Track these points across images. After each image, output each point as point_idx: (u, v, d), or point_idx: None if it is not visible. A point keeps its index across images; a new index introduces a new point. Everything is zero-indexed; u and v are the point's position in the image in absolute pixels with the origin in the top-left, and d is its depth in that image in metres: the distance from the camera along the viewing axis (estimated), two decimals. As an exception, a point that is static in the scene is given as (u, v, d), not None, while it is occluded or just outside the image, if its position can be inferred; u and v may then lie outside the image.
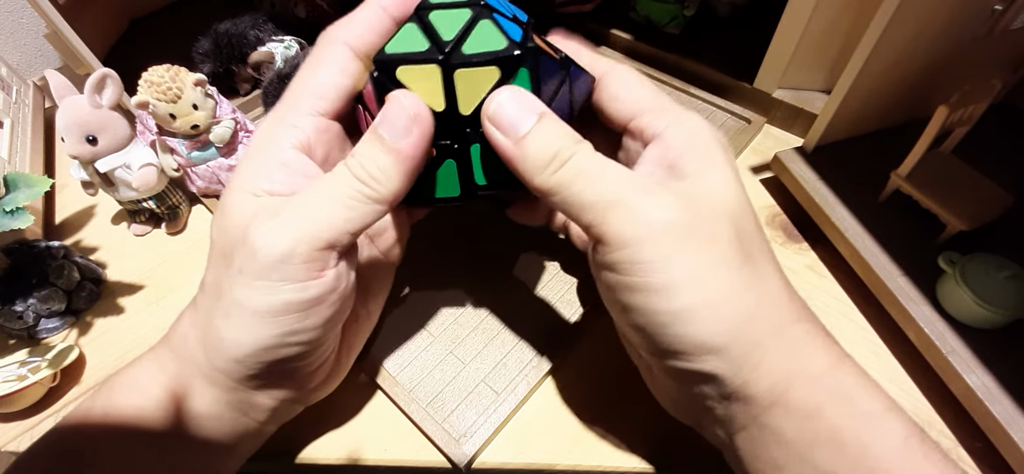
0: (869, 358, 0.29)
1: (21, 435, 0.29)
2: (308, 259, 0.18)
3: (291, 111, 0.21)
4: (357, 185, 0.19)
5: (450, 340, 0.30)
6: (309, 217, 0.18)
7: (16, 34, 0.60)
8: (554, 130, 0.19)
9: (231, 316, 0.19)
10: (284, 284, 0.18)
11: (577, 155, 0.19)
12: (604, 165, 0.19)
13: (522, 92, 0.19)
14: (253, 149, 0.21)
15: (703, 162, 0.19)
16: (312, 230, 0.18)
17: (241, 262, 0.18)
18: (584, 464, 0.26)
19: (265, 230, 0.18)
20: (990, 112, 0.30)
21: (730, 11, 0.49)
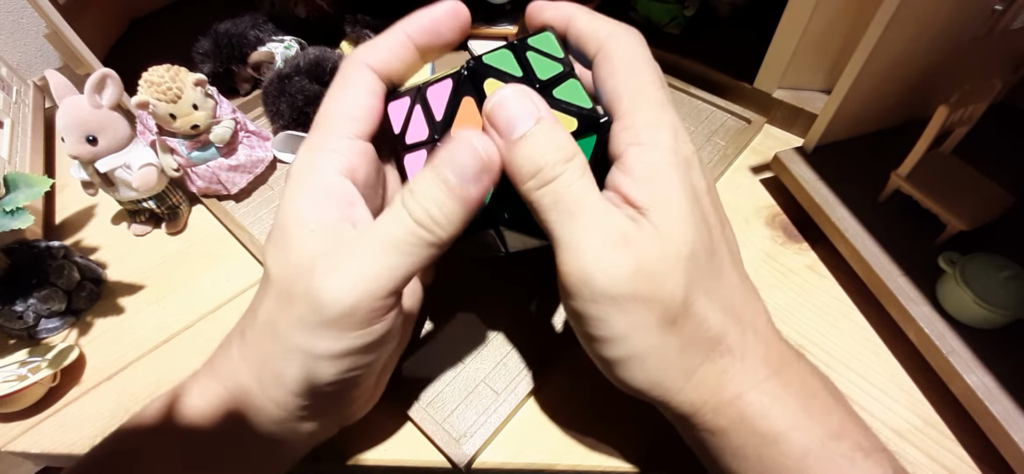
0: (869, 358, 0.29)
1: (21, 435, 0.29)
2: (371, 309, 0.18)
3: (329, 135, 0.21)
4: (417, 231, 0.18)
5: (450, 340, 0.30)
6: (370, 268, 0.18)
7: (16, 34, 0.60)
8: (546, 141, 0.18)
9: (293, 358, 0.19)
10: (348, 333, 0.19)
11: (560, 179, 0.18)
12: (578, 201, 0.18)
13: (527, 92, 0.19)
14: (298, 178, 0.21)
15: (657, 197, 0.19)
16: (374, 282, 0.18)
17: (303, 311, 0.18)
18: (584, 464, 0.26)
19: (328, 285, 0.18)
20: (990, 112, 0.30)
21: (730, 11, 0.49)
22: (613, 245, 0.18)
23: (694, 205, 0.19)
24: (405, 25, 0.22)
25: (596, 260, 0.18)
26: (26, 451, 0.29)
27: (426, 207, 0.18)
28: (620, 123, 0.20)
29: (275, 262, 0.20)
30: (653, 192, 0.19)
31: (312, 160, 0.21)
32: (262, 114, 0.45)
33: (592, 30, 0.21)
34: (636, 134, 0.19)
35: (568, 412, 0.27)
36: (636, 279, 0.18)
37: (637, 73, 0.20)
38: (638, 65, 0.21)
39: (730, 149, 0.39)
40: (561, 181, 0.18)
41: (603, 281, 0.18)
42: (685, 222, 0.19)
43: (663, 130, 0.19)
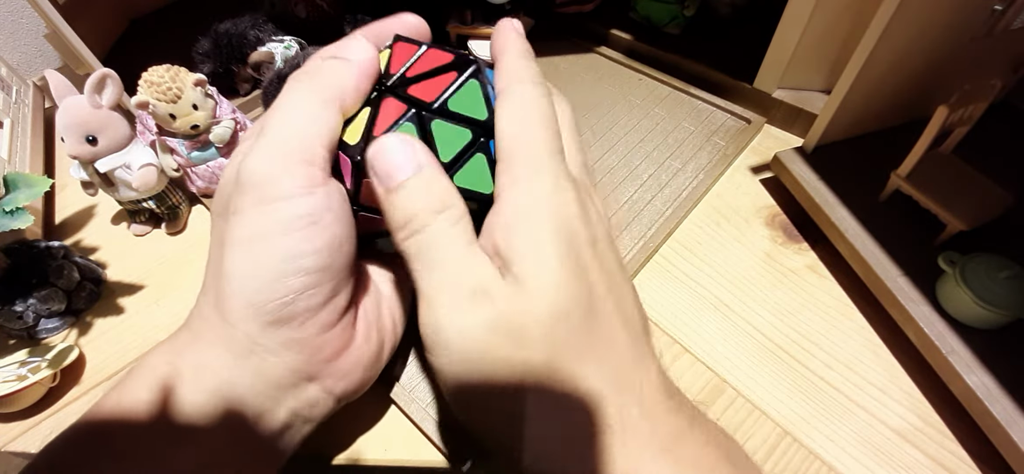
0: (869, 358, 0.29)
1: (21, 435, 0.29)
2: (286, 171, 0.19)
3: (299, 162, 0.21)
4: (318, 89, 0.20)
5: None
6: (281, 136, 0.19)
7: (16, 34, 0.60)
8: (420, 191, 0.18)
9: (235, 255, 0.19)
10: (275, 203, 0.19)
11: (426, 230, 0.18)
12: (442, 253, 0.18)
13: (408, 140, 0.19)
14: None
15: (525, 249, 0.18)
16: (285, 143, 0.19)
17: (234, 204, 0.19)
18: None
19: (245, 163, 0.19)
20: (990, 112, 0.30)
21: (730, 11, 0.49)
22: (468, 299, 0.18)
23: (568, 259, 0.18)
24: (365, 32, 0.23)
25: (449, 313, 0.18)
26: (26, 451, 0.29)
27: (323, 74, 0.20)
28: (502, 165, 0.19)
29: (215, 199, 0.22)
30: (520, 242, 0.18)
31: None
32: (262, 114, 0.45)
33: (509, 69, 0.21)
34: (513, 178, 0.19)
35: (568, 412, 0.27)
36: (491, 336, 0.17)
37: (531, 119, 0.20)
38: (535, 112, 0.20)
39: (730, 149, 0.39)
40: (429, 231, 0.18)
41: (455, 337, 0.18)
42: (552, 282, 0.17)
43: (543, 178, 0.19)
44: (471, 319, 0.18)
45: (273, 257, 0.19)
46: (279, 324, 0.20)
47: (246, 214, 0.19)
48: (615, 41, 0.50)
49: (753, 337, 0.30)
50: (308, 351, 0.21)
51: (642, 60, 0.48)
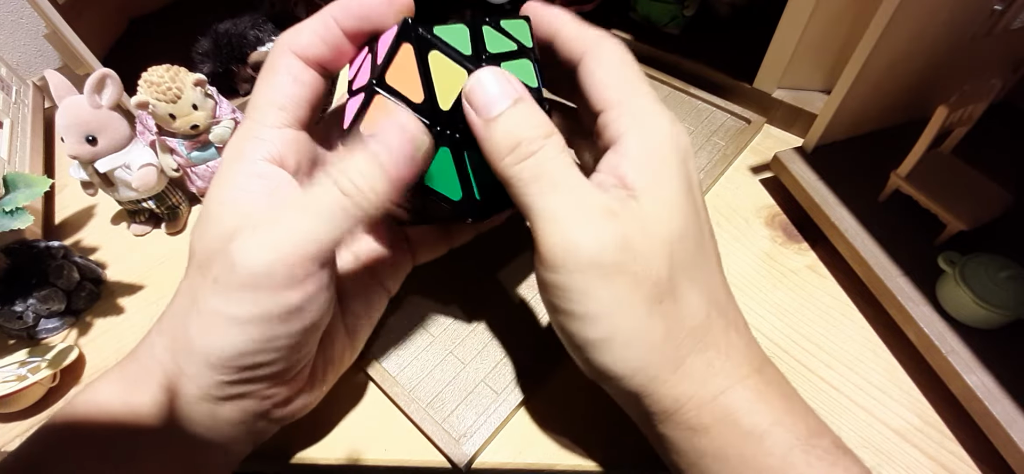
0: (869, 358, 0.29)
1: (21, 435, 0.29)
2: (288, 273, 0.18)
3: (256, 124, 0.21)
4: (342, 199, 0.18)
5: (450, 340, 0.30)
6: (290, 231, 0.18)
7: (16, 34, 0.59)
8: (525, 118, 0.19)
9: (206, 322, 0.19)
10: (263, 295, 0.18)
11: (539, 154, 0.18)
12: (561, 174, 0.18)
13: (506, 75, 0.19)
14: (225, 164, 0.21)
15: (653, 178, 0.19)
16: (293, 245, 0.18)
17: (219, 272, 0.18)
18: (584, 464, 0.26)
19: (246, 246, 0.18)
20: (990, 112, 0.30)
21: (730, 11, 0.49)
22: (599, 215, 0.18)
23: (688, 194, 0.19)
24: (332, 8, 0.21)
25: (581, 228, 0.18)
26: (26, 451, 0.29)
27: (353, 178, 0.18)
28: (617, 110, 0.20)
29: (197, 239, 0.20)
30: (649, 175, 0.19)
31: (239, 147, 0.21)
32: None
33: (579, 34, 0.22)
34: (635, 119, 0.20)
35: (569, 412, 0.27)
36: (623, 251, 0.18)
37: (630, 68, 0.21)
38: (630, 63, 0.21)
39: (730, 149, 0.39)
40: (541, 155, 0.18)
41: (589, 249, 0.18)
42: (677, 207, 0.19)
43: (663, 118, 0.20)
44: (603, 233, 0.18)
45: (248, 339, 0.19)
46: (239, 385, 0.20)
47: (231, 295, 0.18)
48: (615, 41, 0.50)
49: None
50: (263, 400, 0.21)
51: (642, 60, 0.47)
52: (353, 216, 0.18)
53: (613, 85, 0.20)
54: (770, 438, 0.18)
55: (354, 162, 0.18)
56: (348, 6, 0.21)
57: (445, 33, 0.20)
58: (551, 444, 0.27)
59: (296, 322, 0.19)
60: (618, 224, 0.18)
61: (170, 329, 0.20)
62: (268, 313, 0.18)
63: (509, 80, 0.19)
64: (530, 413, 0.28)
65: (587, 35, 0.22)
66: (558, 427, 0.27)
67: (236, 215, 0.19)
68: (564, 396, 0.28)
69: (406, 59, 0.20)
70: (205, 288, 0.19)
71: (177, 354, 0.20)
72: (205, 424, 0.20)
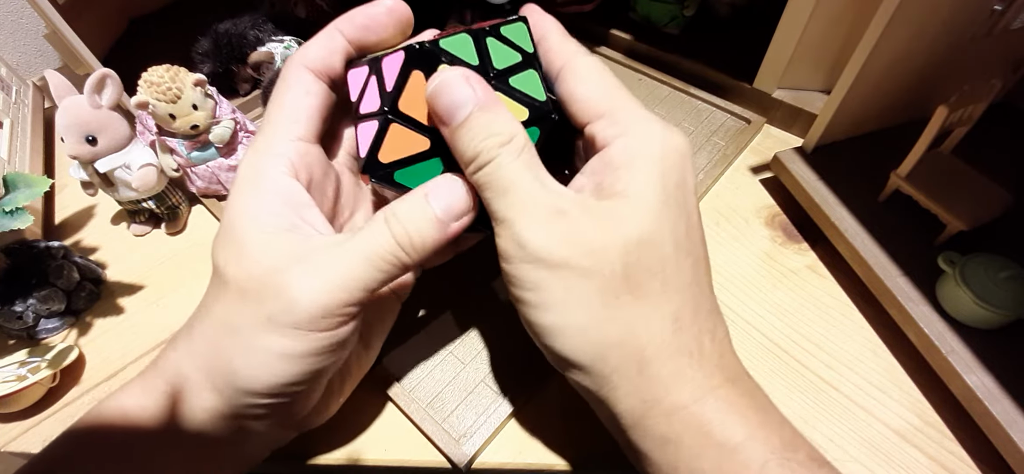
0: (869, 358, 0.29)
1: (21, 435, 0.29)
2: (343, 314, 0.19)
3: (271, 140, 0.21)
4: (396, 250, 0.19)
5: (450, 340, 0.30)
6: (345, 275, 0.19)
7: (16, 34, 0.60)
8: (482, 125, 0.19)
9: (255, 356, 0.19)
10: (317, 334, 0.19)
11: (495, 161, 0.19)
12: (513, 179, 0.19)
13: (466, 75, 0.19)
14: (245, 181, 0.21)
15: (627, 181, 0.19)
16: (347, 290, 0.19)
17: (273, 310, 0.19)
18: (583, 465, 0.26)
19: (304, 286, 0.19)
20: (990, 112, 0.30)
21: (730, 11, 0.49)
22: (546, 216, 0.18)
23: (670, 198, 0.19)
24: (339, 23, 0.22)
25: (528, 229, 0.18)
26: (26, 451, 0.29)
27: (408, 230, 0.20)
28: (605, 120, 0.20)
29: (231, 264, 0.20)
30: (624, 178, 0.19)
31: (257, 164, 0.21)
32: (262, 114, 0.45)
33: (561, 47, 0.22)
34: (623, 127, 0.20)
35: (569, 412, 0.27)
36: (570, 246, 0.18)
37: (611, 80, 0.21)
38: (610, 77, 0.21)
39: (730, 149, 0.39)
40: (497, 162, 0.19)
41: (534, 245, 0.18)
42: (647, 210, 0.18)
43: (652, 124, 0.20)
44: (549, 230, 0.18)
45: (297, 372, 0.20)
46: (271, 406, 0.21)
47: (286, 333, 0.19)
48: (615, 41, 0.50)
49: (753, 337, 0.30)
50: (285, 416, 0.22)
51: (642, 60, 0.48)
52: (402, 264, 0.20)
53: (597, 97, 0.20)
54: (744, 451, 0.18)
55: (410, 214, 0.20)
56: (352, 18, 0.22)
57: (450, 45, 0.20)
58: (551, 444, 0.27)
59: (341, 353, 0.21)
60: (565, 222, 0.18)
61: (204, 352, 0.20)
62: (319, 349, 0.20)
63: (471, 82, 0.19)
64: (530, 413, 0.28)
65: (566, 49, 0.22)
66: (558, 427, 0.27)
67: (275, 245, 0.20)
68: (564, 396, 0.28)
69: (417, 85, 0.20)
70: (256, 324, 0.19)
71: (212, 376, 0.20)
72: (228, 437, 0.21)
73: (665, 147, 0.19)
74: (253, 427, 0.22)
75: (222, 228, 0.21)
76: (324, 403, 0.24)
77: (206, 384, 0.20)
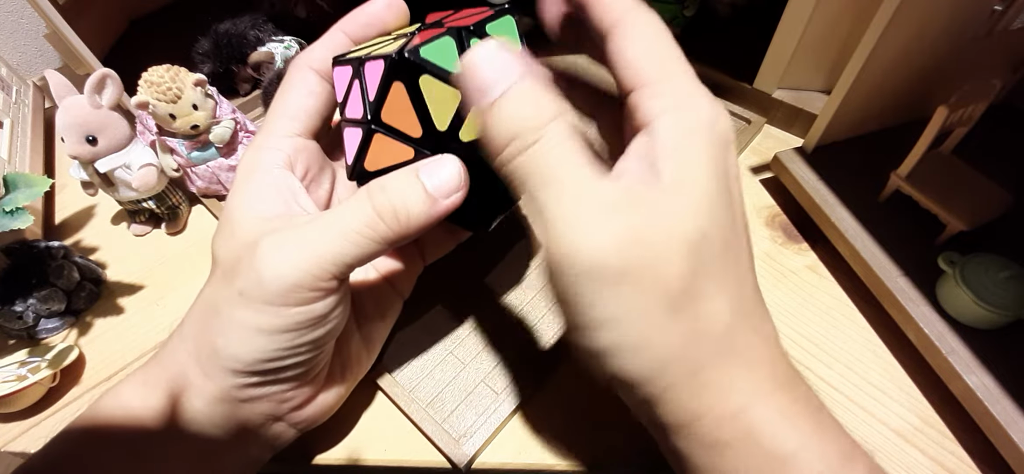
0: (869, 358, 0.29)
1: (21, 435, 0.29)
2: (313, 288, 0.19)
3: (271, 135, 0.22)
4: (375, 221, 0.19)
5: (450, 340, 0.30)
6: (317, 248, 0.19)
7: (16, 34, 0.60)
8: (522, 105, 0.17)
9: (231, 332, 0.20)
10: (288, 309, 0.19)
11: (537, 145, 0.16)
12: (560, 166, 0.16)
13: (504, 48, 0.17)
14: (242, 174, 0.22)
15: (684, 166, 0.17)
16: (318, 262, 0.19)
17: (244, 285, 0.19)
18: (584, 465, 0.26)
19: (273, 259, 0.18)
20: (990, 112, 0.30)
21: (730, 11, 0.49)
22: (602, 212, 0.16)
23: (722, 187, 0.17)
24: (342, 24, 0.23)
25: (581, 229, 0.16)
26: (26, 451, 0.29)
27: (393, 201, 0.19)
28: (650, 90, 0.17)
29: (221, 246, 0.21)
30: (679, 162, 0.16)
31: (255, 158, 0.22)
32: (262, 114, 0.45)
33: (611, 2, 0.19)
34: (670, 101, 0.17)
35: (569, 412, 0.27)
36: (628, 250, 0.16)
37: (666, 43, 0.18)
38: (665, 37, 0.18)
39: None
40: (539, 146, 0.16)
41: (588, 252, 0.16)
42: (707, 200, 0.17)
43: (701, 99, 0.17)
44: (604, 233, 0.16)
45: (273, 347, 0.20)
46: (259, 387, 0.21)
47: (255, 308, 0.19)
48: (615, 41, 0.50)
49: (753, 337, 0.30)
50: (280, 403, 0.22)
51: (642, 60, 0.47)
52: (382, 238, 0.19)
53: (646, 62, 0.18)
54: (795, 463, 0.16)
55: (397, 186, 0.19)
56: (355, 17, 0.23)
57: (431, 53, 0.19)
58: (551, 444, 0.27)
59: (319, 329, 0.20)
60: (624, 219, 0.16)
61: (193, 335, 0.21)
62: (293, 324, 0.19)
63: (511, 53, 0.17)
64: (530, 413, 0.28)
65: (618, 3, 0.19)
66: (558, 427, 0.27)
67: (260, 223, 0.20)
68: (564, 397, 0.28)
69: (399, 96, 0.20)
70: (231, 299, 0.19)
71: (201, 360, 0.20)
72: (224, 426, 0.21)
73: (716, 129, 0.17)
74: (246, 414, 0.21)
75: (220, 220, 0.21)
76: (324, 400, 0.24)
77: (198, 370, 0.21)
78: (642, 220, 0.16)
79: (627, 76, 0.18)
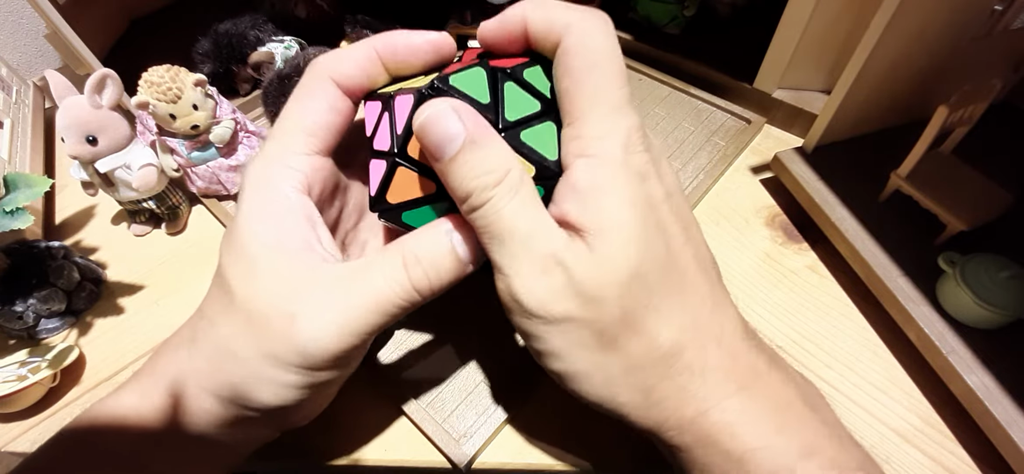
0: (869, 358, 0.29)
1: (21, 435, 0.29)
2: (350, 353, 0.19)
3: (286, 151, 0.20)
4: (410, 292, 0.19)
5: (450, 340, 0.30)
6: (356, 316, 0.19)
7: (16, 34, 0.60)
8: (471, 164, 0.17)
9: (253, 382, 0.19)
10: (321, 371, 0.19)
11: (489, 204, 0.17)
12: (510, 223, 0.17)
13: (455, 107, 0.17)
14: (256, 193, 0.20)
15: (603, 214, 0.17)
16: (358, 329, 0.19)
17: (280, 350, 0.19)
18: (584, 464, 0.26)
19: (312, 331, 0.18)
20: (990, 112, 0.30)
21: (730, 11, 0.49)
22: (541, 270, 0.18)
23: (645, 221, 0.18)
24: (377, 42, 0.21)
25: (523, 284, 0.18)
26: (26, 451, 0.29)
27: (428, 273, 0.19)
28: (570, 131, 0.18)
29: (240, 282, 0.19)
30: (596, 211, 0.18)
31: (269, 175, 0.20)
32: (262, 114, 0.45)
33: (548, 23, 0.18)
34: (583, 145, 0.18)
35: (568, 412, 0.27)
36: (565, 301, 0.18)
37: (592, 71, 0.18)
38: (595, 61, 0.18)
39: (730, 149, 0.39)
40: (490, 205, 0.17)
41: (532, 304, 0.18)
42: (630, 242, 0.17)
43: (612, 140, 0.18)
44: (546, 286, 0.18)
45: (298, 396, 0.20)
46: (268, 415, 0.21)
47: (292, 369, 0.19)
48: (615, 41, 0.50)
49: (753, 337, 0.30)
50: (283, 422, 0.23)
51: (642, 60, 0.48)
52: (413, 304, 0.19)
53: (570, 97, 0.18)
54: (752, 461, 0.18)
55: (432, 255, 0.19)
56: (393, 43, 0.21)
57: (461, 82, 0.19)
58: (551, 444, 0.27)
59: (343, 379, 0.21)
60: (561, 275, 0.17)
61: (207, 373, 0.20)
62: (322, 380, 0.20)
63: (460, 115, 0.17)
64: (530, 414, 0.28)
65: (556, 21, 0.18)
66: (558, 428, 0.27)
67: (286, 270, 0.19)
68: (564, 397, 0.28)
69: None
70: (259, 352, 0.19)
71: (216, 392, 0.20)
72: (222, 432, 0.21)
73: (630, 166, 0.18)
74: (248, 430, 0.22)
75: (232, 236, 0.20)
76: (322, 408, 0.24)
77: (206, 396, 0.20)
78: (575, 273, 0.17)
79: (562, 111, 0.19)
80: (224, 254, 0.20)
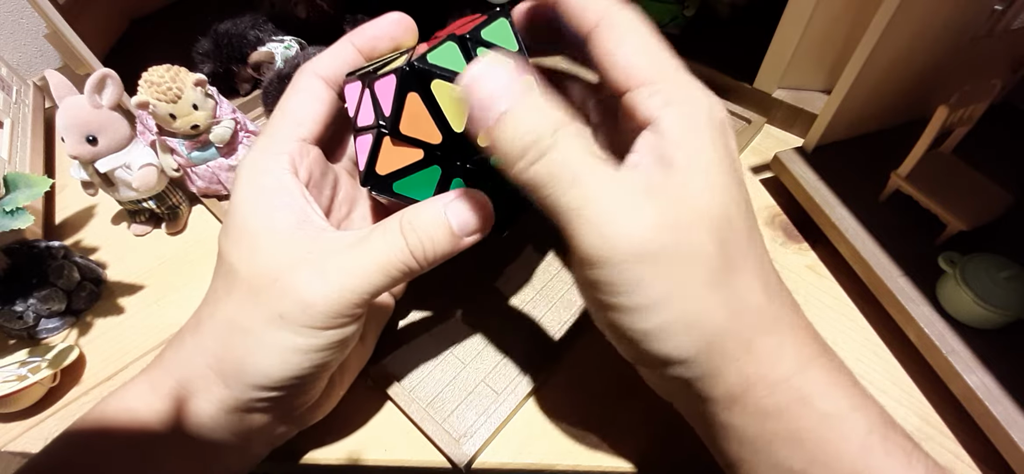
0: (869, 358, 0.29)
1: (21, 435, 0.29)
2: (353, 313, 0.20)
3: (275, 139, 0.22)
4: (408, 258, 0.20)
5: (450, 340, 0.30)
6: (358, 278, 0.20)
7: (16, 34, 0.60)
8: (531, 115, 0.17)
9: (263, 351, 0.20)
10: (327, 331, 0.20)
11: (553, 150, 0.17)
12: (582, 164, 0.17)
13: (502, 62, 0.17)
14: (248, 178, 0.21)
15: (695, 156, 0.17)
16: (359, 291, 0.20)
17: (286, 308, 0.19)
18: (584, 464, 0.26)
19: (318, 286, 0.19)
20: (990, 112, 0.30)
21: (730, 11, 0.49)
22: (633, 201, 0.16)
23: (732, 171, 0.18)
24: (352, 36, 0.23)
25: (619, 217, 0.16)
26: (26, 451, 0.29)
27: (422, 241, 0.20)
28: (648, 89, 0.18)
29: (243, 260, 0.20)
30: (690, 152, 0.17)
31: (261, 161, 0.22)
32: (262, 114, 0.45)
33: (587, 3, 0.19)
34: (670, 96, 0.18)
35: (568, 412, 0.27)
36: (665, 233, 0.16)
37: (653, 40, 0.19)
38: (651, 33, 0.19)
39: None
40: (554, 153, 0.17)
41: (631, 237, 0.16)
42: (721, 186, 0.17)
43: (699, 92, 0.18)
44: (643, 216, 0.16)
45: (306, 365, 0.20)
46: (274, 399, 0.21)
47: (296, 330, 0.20)
48: (615, 41, 0.50)
49: (753, 337, 0.30)
50: (289, 409, 0.23)
51: (642, 60, 0.47)
52: (410, 271, 0.20)
53: (637, 62, 0.18)
54: (847, 423, 0.17)
55: (427, 226, 0.20)
56: (363, 31, 0.23)
57: (437, 57, 0.20)
58: (551, 444, 0.27)
59: (344, 349, 0.22)
60: (659, 201, 0.16)
61: (214, 351, 0.21)
62: (327, 344, 0.20)
63: (509, 66, 0.17)
64: (530, 413, 0.28)
65: (597, 4, 0.19)
66: (558, 427, 0.27)
67: (287, 243, 0.20)
68: (564, 396, 0.28)
69: (415, 105, 0.20)
70: (268, 320, 0.20)
71: (223, 373, 0.21)
72: (231, 430, 0.22)
73: (714, 117, 0.18)
74: (255, 421, 0.22)
75: (230, 222, 0.21)
76: (325, 397, 0.25)
77: (215, 379, 0.21)
78: (670, 206, 0.16)
79: (620, 77, 0.18)
80: (224, 241, 0.21)
